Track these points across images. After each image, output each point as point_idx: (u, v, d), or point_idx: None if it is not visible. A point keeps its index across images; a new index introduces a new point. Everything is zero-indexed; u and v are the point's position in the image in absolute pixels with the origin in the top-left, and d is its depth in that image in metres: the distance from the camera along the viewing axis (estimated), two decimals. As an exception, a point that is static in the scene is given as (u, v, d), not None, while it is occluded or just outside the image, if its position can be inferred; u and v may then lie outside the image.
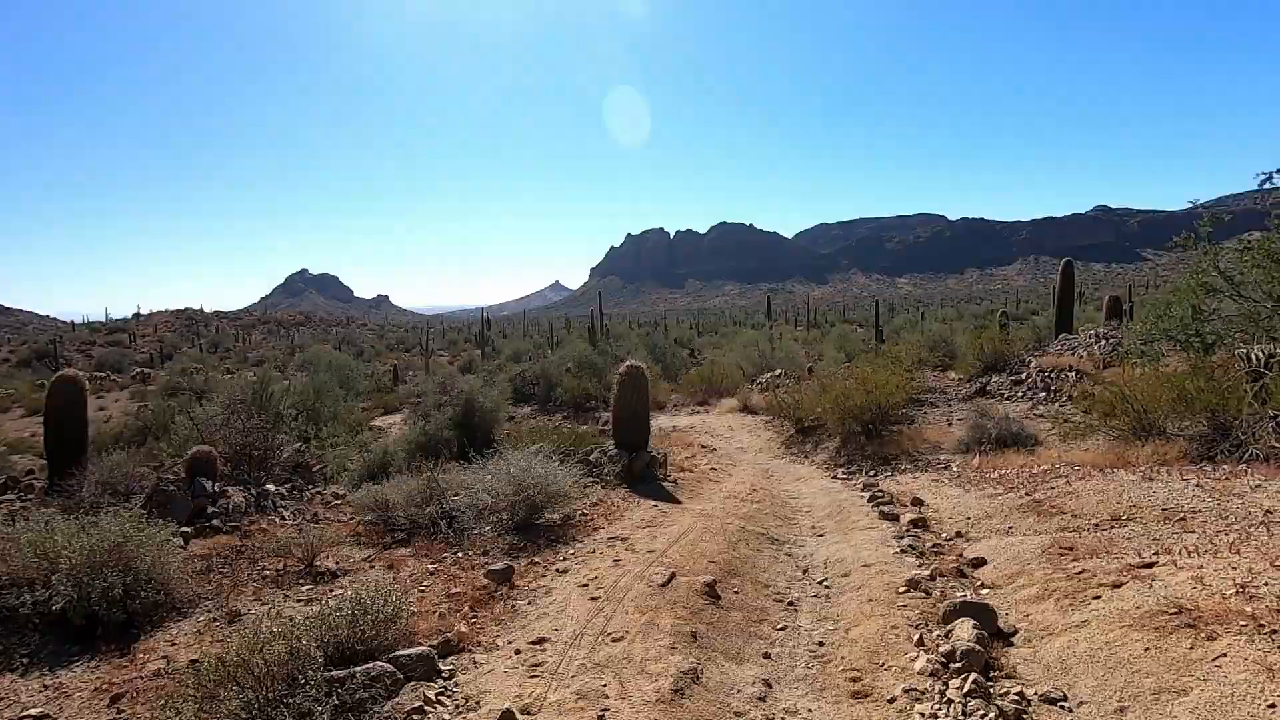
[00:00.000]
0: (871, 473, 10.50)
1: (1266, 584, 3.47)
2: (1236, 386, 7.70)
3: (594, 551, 5.77)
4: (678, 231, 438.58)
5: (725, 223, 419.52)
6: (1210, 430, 7.73)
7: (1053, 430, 10.35)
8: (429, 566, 5.94)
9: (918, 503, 7.50)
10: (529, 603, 4.67)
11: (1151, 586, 3.82)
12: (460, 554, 6.21)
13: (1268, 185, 8.74)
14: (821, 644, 4.13)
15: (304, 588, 5.71)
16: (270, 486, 9.99)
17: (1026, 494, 6.81)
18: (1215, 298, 8.71)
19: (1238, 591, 3.46)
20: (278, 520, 7.86)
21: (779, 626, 4.39)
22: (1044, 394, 12.43)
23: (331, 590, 5.64)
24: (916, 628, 4.04)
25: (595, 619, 4.16)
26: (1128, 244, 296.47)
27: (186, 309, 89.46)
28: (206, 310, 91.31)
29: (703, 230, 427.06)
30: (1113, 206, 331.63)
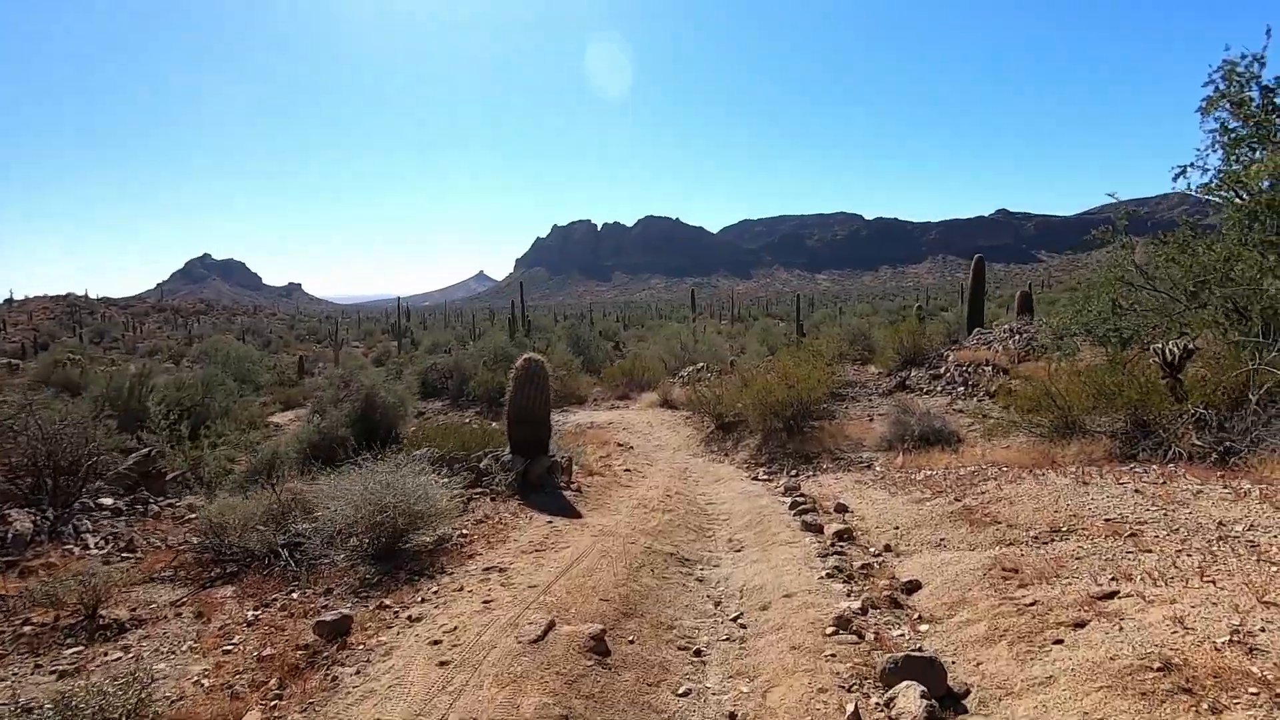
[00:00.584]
0: (793, 472, 9.89)
1: (1264, 629, 2.83)
2: (1155, 383, 7.48)
3: (462, 589, 4.66)
4: (605, 224, 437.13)
5: (652, 216, 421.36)
6: (1131, 428, 7.48)
7: (974, 426, 10.06)
8: (251, 612, 4.66)
9: (842, 509, 6.84)
10: (357, 671, 3.53)
11: (1122, 628, 3.15)
12: (296, 593, 4.96)
13: (1181, 180, 8.64)
14: (733, 716, 3.23)
15: (70, 650, 4.31)
16: (98, 502, 8.29)
17: (956, 499, 6.24)
18: (1132, 292, 8.55)
19: (1232, 640, 2.80)
20: (77, 550, 6.29)
21: (681, 691, 3.47)
22: (963, 388, 12.27)
23: (109, 652, 4.29)
24: (850, 690, 3.21)
25: (437, 699, 3.09)
26: (1024, 246, 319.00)
27: (69, 295, 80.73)
28: (92, 297, 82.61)
29: (630, 223, 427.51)
30: (1012, 210, 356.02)
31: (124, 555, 6.28)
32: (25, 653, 4.30)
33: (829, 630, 3.83)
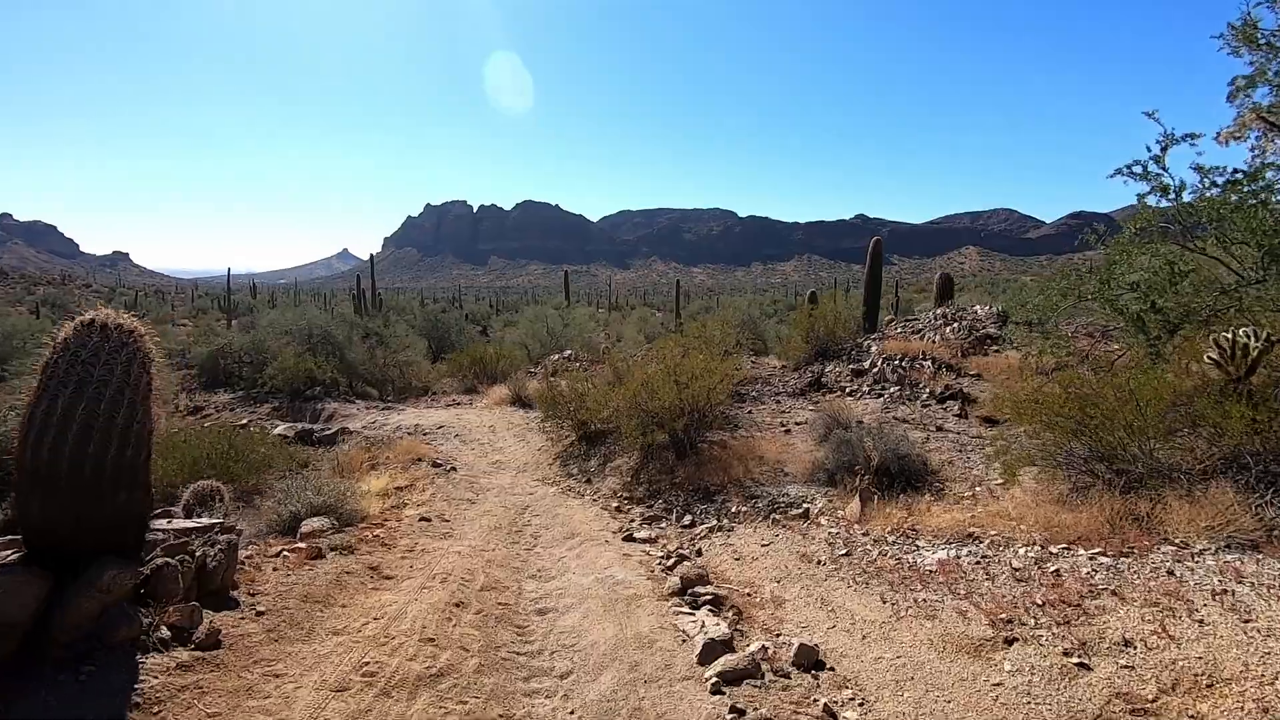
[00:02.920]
0: (686, 520, 6.35)
1: None
2: (1269, 396, 4.69)
3: None
4: (482, 206, 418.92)
5: (532, 201, 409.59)
6: (1225, 462, 4.64)
7: (936, 447, 7.05)
8: None
9: (810, 661, 3.29)
10: None
11: None
12: None
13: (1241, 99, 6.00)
14: None
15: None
16: None
17: (1070, 654, 2.90)
18: (1187, 259, 5.78)
19: None
20: None
21: None
22: (897, 388, 9.40)
23: None
24: None
25: None
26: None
27: None
28: None
29: (508, 206, 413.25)
30: (869, 215, 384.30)
31: None
32: None
33: None
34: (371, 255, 37.31)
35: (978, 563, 3.82)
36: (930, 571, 3.84)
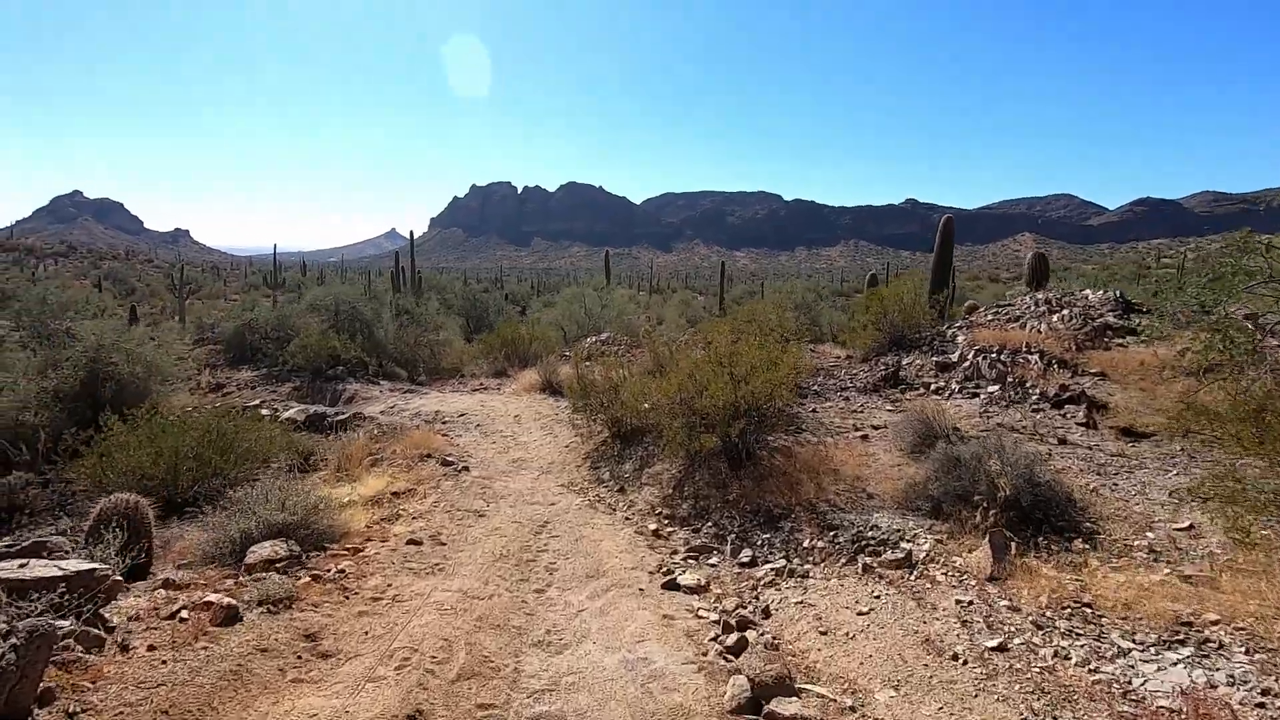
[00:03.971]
0: (744, 554, 4.95)
1: None
2: None
3: None
4: (526, 187, 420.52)
5: (575, 183, 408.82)
6: None
7: (1060, 464, 5.43)
8: None
9: None
10: None
11: None
12: None
13: None
14: None
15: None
16: None
17: None
18: None
19: None
20: None
21: None
22: (997, 387, 7.72)
23: None
24: None
25: None
26: (930, 235, 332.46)
27: None
28: None
29: (552, 188, 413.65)
30: (920, 200, 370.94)
31: None
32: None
33: None
34: (411, 233, 36.61)
35: (1258, 697, 2.30)
36: (1171, 712, 2.33)
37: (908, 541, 4.58)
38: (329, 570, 4.02)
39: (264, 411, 11.04)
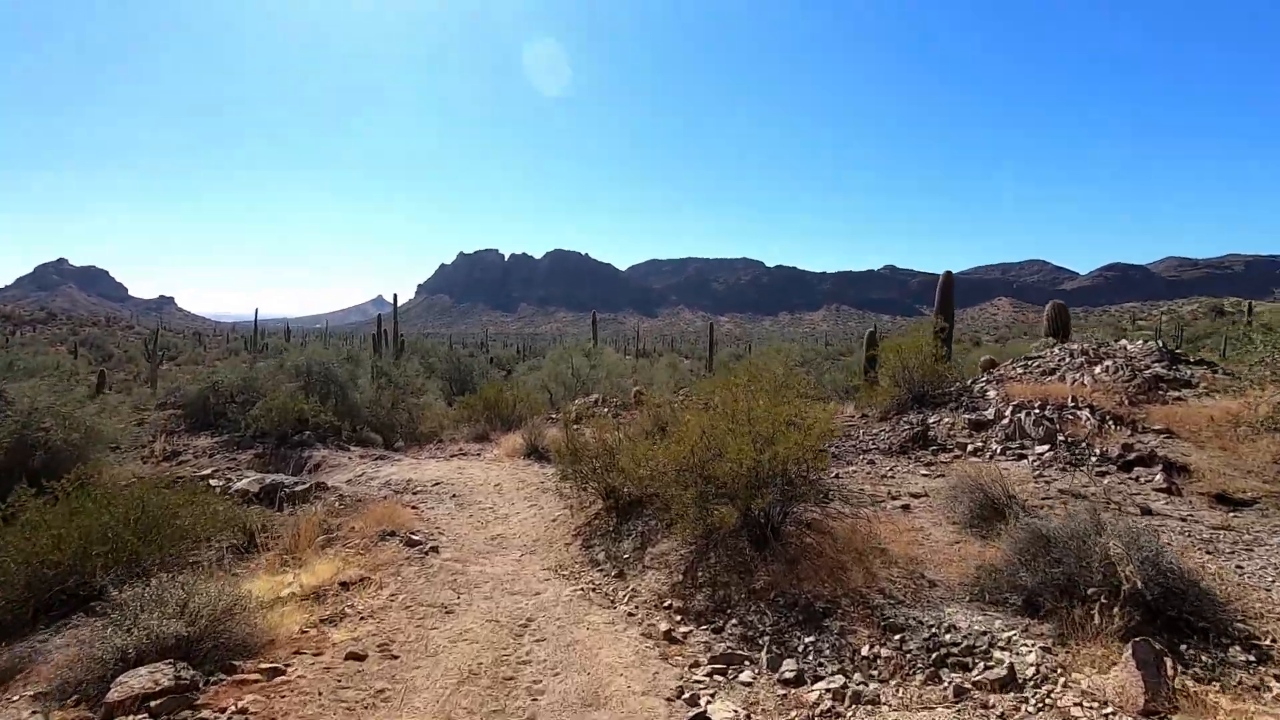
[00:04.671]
0: (786, 666, 3.84)
1: None
2: None
3: None
4: (513, 254, 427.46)
5: (561, 250, 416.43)
6: None
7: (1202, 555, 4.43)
8: None
9: None
10: None
11: None
12: None
13: None
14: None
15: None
16: None
17: None
18: None
19: None
20: None
21: None
22: (1046, 448, 6.78)
23: None
24: None
25: None
26: (908, 300, 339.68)
27: None
28: None
29: (538, 255, 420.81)
30: (898, 266, 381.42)
31: None
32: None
33: None
34: (395, 295, 35.93)
35: None
36: None
37: (1002, 649, 3.51)
38: (225, 711, 2.86)
39: (215, 482, 9.80)
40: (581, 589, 5.45)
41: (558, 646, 4.20)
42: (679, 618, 4.71)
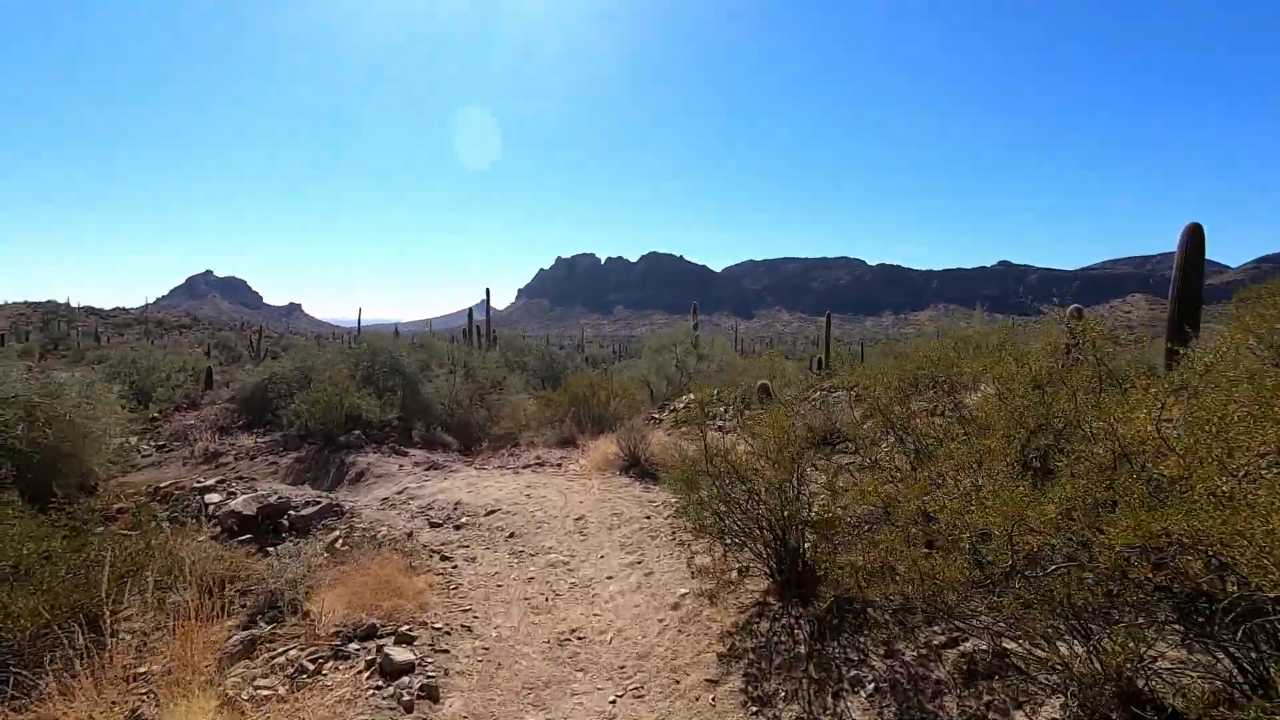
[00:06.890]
0: None
1: None
2: None
3: None
4: (609, 257, 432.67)
5: (656, 252, 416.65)
6: None
7: None
8: None
9: None
10: None
11: None
12: None
13: None
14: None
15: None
16: None
17: None
18: None
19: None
20: None
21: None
22: None
23: None
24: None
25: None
26: (1025, 297, 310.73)
27: (49, 301, 74.46)
28: (74, 305, 75.79)
29: (634, 259, 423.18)
30: (1013, 262, 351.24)
31: None
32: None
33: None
34: (487, 289, 34.34)
35: None
36: None
37: None
38: None
39: (215, 496, 7.34)
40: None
41: None
42: None
